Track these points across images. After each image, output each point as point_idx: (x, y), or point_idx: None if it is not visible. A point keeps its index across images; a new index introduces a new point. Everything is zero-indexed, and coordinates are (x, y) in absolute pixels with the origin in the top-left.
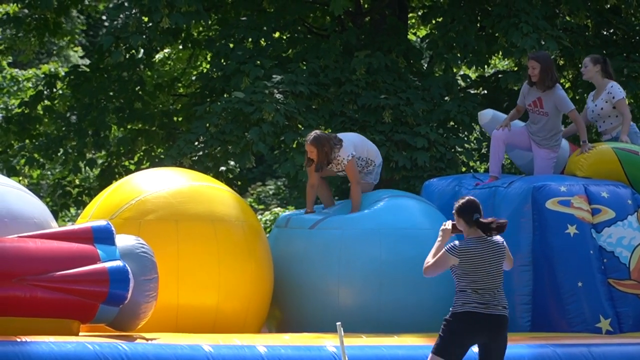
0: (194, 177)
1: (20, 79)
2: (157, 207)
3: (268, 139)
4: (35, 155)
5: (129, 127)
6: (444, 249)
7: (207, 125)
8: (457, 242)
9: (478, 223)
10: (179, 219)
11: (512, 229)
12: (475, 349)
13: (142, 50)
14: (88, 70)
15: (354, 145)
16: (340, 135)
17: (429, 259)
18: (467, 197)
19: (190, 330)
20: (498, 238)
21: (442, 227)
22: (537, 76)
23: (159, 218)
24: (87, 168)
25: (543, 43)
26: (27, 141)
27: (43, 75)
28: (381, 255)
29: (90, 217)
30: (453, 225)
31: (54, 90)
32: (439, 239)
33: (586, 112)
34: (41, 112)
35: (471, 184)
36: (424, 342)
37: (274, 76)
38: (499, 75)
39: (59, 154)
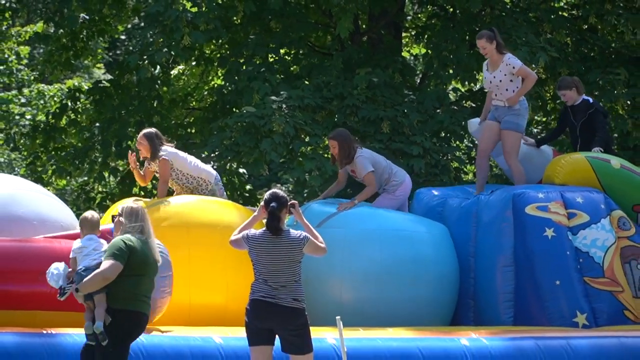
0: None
1: (46, 94)
2: (168, 215)
3: (279, 149)
4: (62, 165)
5: None
6: (244, 232)
7: (223, 140)
8: (254, 231)
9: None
10: (190, 226)
11: (495, 232)
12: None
13: (159, 67)
14: (109, 85)
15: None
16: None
17: (236, 232)
18: (273, 190)
19: (202, 325)
20: (296, 233)
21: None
22: (338, 155)
23: (171, 225)
24: (110, 176)
25: (529, 58)
26: (52, 151)
27: (67, 90)
28: (381, 254)
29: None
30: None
31: (78, 103)
32: (254, 213)
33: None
34: (65, 124)
35: (458, 195)
36: (415, 335)
37: (281, 92)
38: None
39: (85, 165)
